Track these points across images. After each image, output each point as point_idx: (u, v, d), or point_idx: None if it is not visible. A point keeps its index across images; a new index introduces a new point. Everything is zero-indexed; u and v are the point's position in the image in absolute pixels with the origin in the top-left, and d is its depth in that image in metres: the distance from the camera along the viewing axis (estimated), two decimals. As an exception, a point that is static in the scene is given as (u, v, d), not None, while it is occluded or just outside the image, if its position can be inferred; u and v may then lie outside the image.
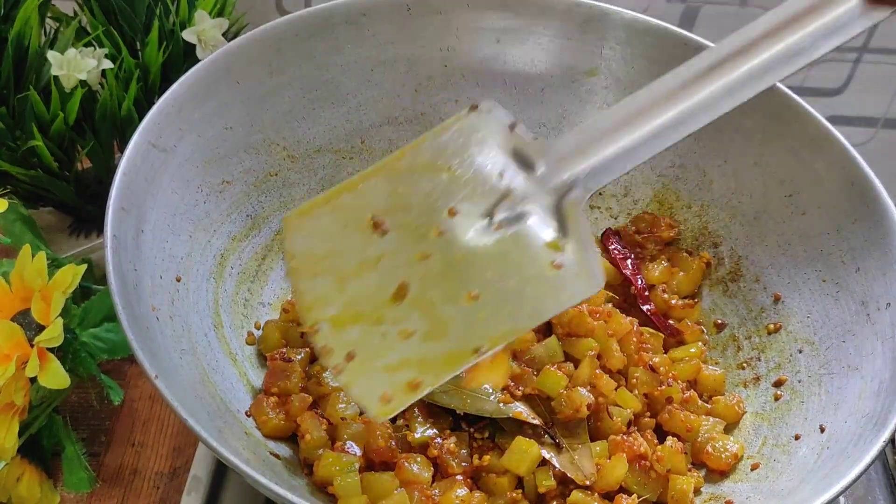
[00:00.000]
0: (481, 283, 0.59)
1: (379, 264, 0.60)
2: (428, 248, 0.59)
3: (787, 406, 0.70)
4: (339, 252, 0.60)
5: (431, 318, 0.58)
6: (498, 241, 0.60)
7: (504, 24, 0.87)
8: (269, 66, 0.80)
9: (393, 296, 0.59)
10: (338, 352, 0.58)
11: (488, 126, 0.62)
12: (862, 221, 0.71)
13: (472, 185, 0.60)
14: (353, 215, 0.61)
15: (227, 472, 0.75)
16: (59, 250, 0.87)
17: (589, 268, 0.59)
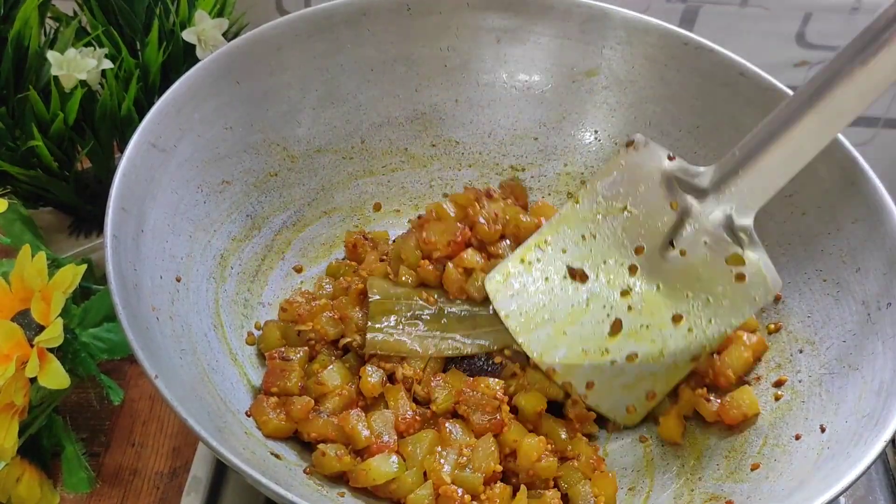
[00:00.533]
0: (681, 306, 0.68)
1: (589, 307, 0.70)
2: (627, 285, 0.69)
3: (787, 406, 0.70)
4: (549, 304, 0.70)
5: (648, 342, 0.69)
6: (686, 266, 0.68)
7: (504, 24, 0.87)
8: (269, 66, 0.80)
9: (611, 331, 0.70)
10: (577, 384, 0.70)
11: (649, 160, 0.69)
12: (862, 221, 0.71)
13: (649, 219, 0.68)
14: (550, 269, 0.70)
15: (227, 472, 0.75)
16: (59, 250, 0.87)
17: (767, 273, 0.68)
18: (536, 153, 0.89)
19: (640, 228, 0.68)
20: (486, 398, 0.68)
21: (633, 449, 0.73)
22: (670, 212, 0.68)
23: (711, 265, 0.68)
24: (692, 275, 0.68)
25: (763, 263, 0.68)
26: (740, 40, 0.86)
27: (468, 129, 0.89)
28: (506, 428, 0.67)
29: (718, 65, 0.81)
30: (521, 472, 0.67)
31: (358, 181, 0.86)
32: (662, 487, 0.69)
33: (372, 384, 0.68)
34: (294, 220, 0.82)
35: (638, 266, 0.68)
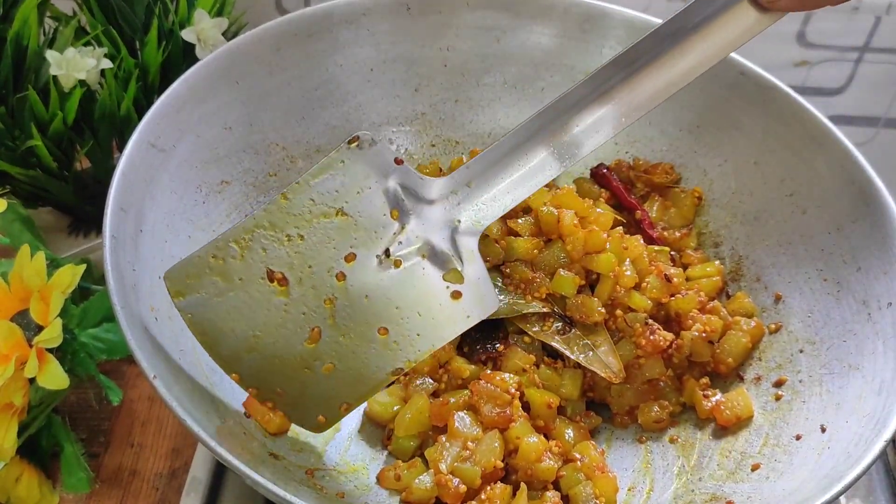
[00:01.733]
0: (389, 318, 0.64)
1: (287, 314, 0.64)
2: (333, 293, 0.64)
3: (788, 406, 0.70)
4: (242, 308, 0.63)
5: (349, 352, 0.64)
6: (399, 277, 0.64)
7: (504, 24, 0.87)
8: (268, 65, 0.80)
9: (309, 339, 0.64)
10: (265, 391, 0.65)
11: (373, 162, 0.64)
12: (862, 221, 0.71)
13: (365, 226, 0.64)
14: (247, 269, 0.63)
15: (226, 473, 0.75)
16: (58, 250, 0.87)
17: (484, 292, 0.65)
18: (536, 153, 0.89)
19: (354, 234, 0.64)
20: (500, 392, 0.68)
21: (633, 449, 0.73)
22: (390, 221, 0.64)
23: (427, 280, 0.64)
24: (405, 288, 0.64)
25: (482, 282, 0.65)
26: (740, 40, 0.86)
27: (468, 129, 0.89)
28: (513, 423, 0.67)
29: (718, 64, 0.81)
30: (519, 470, 0.67)
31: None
32: (662, 487, 0.69)
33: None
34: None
35: (346, 274, 0.64)
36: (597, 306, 0.72)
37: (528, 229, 0.74)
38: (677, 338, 0.73)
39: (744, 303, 0.77)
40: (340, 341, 0.64)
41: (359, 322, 0.64)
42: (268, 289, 0.64)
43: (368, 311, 0.64)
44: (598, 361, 0.71)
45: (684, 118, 0.83)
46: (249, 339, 0.64)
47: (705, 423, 0.72)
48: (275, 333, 0.64)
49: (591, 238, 0.73)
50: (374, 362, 0.64)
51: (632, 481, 0.70)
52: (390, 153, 0.65)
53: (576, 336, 0.72)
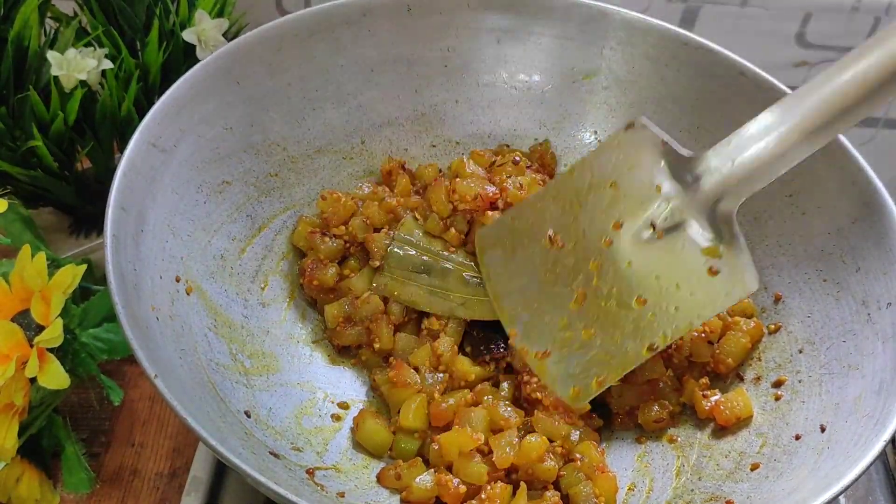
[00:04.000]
0: (648, 288, 0.67)
1: (559, 275, 0.71)
2: (600, 258, 0.69)
3: (787, 406, 0.70)
4: (524, 266, 0.72)
5: (608, 320, 0.68)
6: (660, 249, 0.67)
7: (504, 24, 0.87)
8: (269, 66, 0.80)
9: (575, 301, 0.70)
10: (532, 349, 0.71)
11: (644, 142, 0.69)
12: (862, 221, 0.71)
13: (634, 198, 0.68)
14: (533, 232, 0.72)
15: (227, 473, 0.75)
16: (59, 250, 0.87)
17: (743, 272, 0.65)
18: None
19: (623, 205, 0.69)
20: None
21: (633, 449, 0.73)
22: (654, 194, 0.68)
23: (686, 253, 0.67)
24: (665, 260, 0.67)
25: (742, 260, 0.65)
26: (740, 40, 0.86)
27: (468, 129, 0.89)
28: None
29: (718, 65, 0.81)
30: (520, 469, 0.67)
31: (358, 181, 0.85)
32: (662, 487, 0.69)
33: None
34: (294, 221, 0.82)
35: (613, 241, 0.68)
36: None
37: None
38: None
39: (743, 303, 0.77)
40: (602, 306, 0.69)
41: (620, 288, 0.68)
42: (547, 250, 0.71)
43: (630, 277, 0.68)
44: None
45: (684, 118, 0.83)
46: (527, 295, 0.72)
47: (705, 423, 0.72)
48: (548, 292, 0.71)
49: None
50: (631, 334, 0.67)
51: (631, 481, 0.70)
52: (661, 135, 0.68)
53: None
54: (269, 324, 0.76)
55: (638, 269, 0.68)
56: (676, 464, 0.70)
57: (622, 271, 0.68)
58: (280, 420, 0.69)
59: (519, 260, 0.72)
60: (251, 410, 0.68)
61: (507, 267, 0.73)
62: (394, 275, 0.76)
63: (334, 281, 0.78)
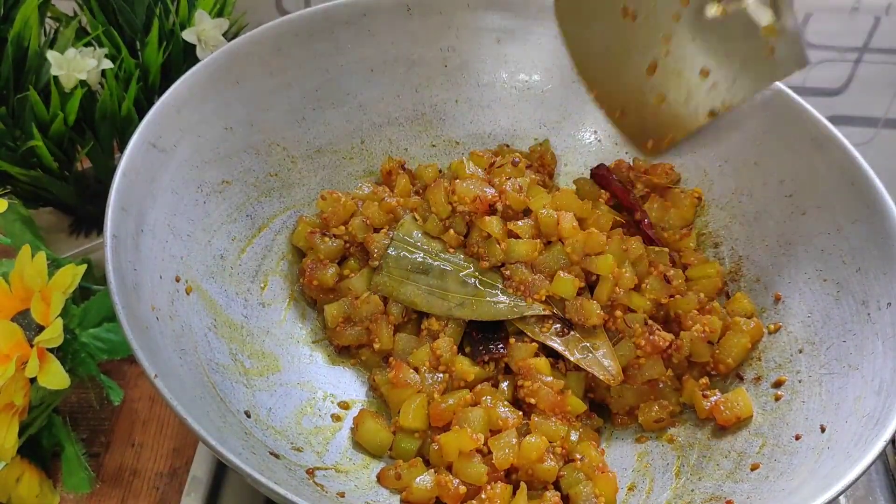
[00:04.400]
0: (711, 61, 0.74)
1: (634, 43, 0.77)
2: (669, 29, 0.75)
3: (787, 406, 0.70)
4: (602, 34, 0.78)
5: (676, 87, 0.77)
6: (723, 26, 0.72)
7: (504, 24, 0.87)
8: (269, 66, 0.80)
9: (647, 70, 0.78)
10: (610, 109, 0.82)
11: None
12: (862, 221, 0.71)
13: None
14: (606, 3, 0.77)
15: (226, 473, 0.75)
16: (59, 250, 0.87)
17: (796, 49, 0.71)
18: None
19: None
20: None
21: (633, 449, 0.73)
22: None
23: (747, 30, 0.71)
24: (727, 34, 0.72)
25: (797, 39, 0.70)
26: (740, 40, 0.86)
27: (468, 129, 0.89)
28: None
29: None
30: (520, 470, 0.67)
31: (358, 181, 0.85)
32: (662, 487, 0.69)
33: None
34: (294, 221, 0.82)
35: (681, 15, 0.73)
36: (595, 309, 0.72)
37: (528, 231, 0.74)
38: (677, 338, 0.73)
39: (743, 303, 0.77)
40: (670, 76, 0.77)
41: (687, 60, 0.76)
42: (621, 21, 0.76)
43: (695, 51, 0.74)
44: (597, 363, 0.72)
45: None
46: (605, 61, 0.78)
47: (705, 423, 0.72)
48: (625, 60, 0.78)
49: (590, 240, 0.73)
50: (696, 100, 0.77)
51: (631, 481, 0.70)
52: None
53: (574, 338, 0.73)
54: (269, 324, 0.76)
55: (703, 42, 0.73)
56: (676, 464, 0.70)
57: (689, 44, 0.73)
58: (280, 420, 0.69)
59: (595, 29, 0.77)
60: (251, 410, 0.68)
61: (584, 34, 0.78)
62: (392, 275, 0.76)
63: (334, 281, 0.78)
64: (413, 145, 0.88)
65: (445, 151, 0.89)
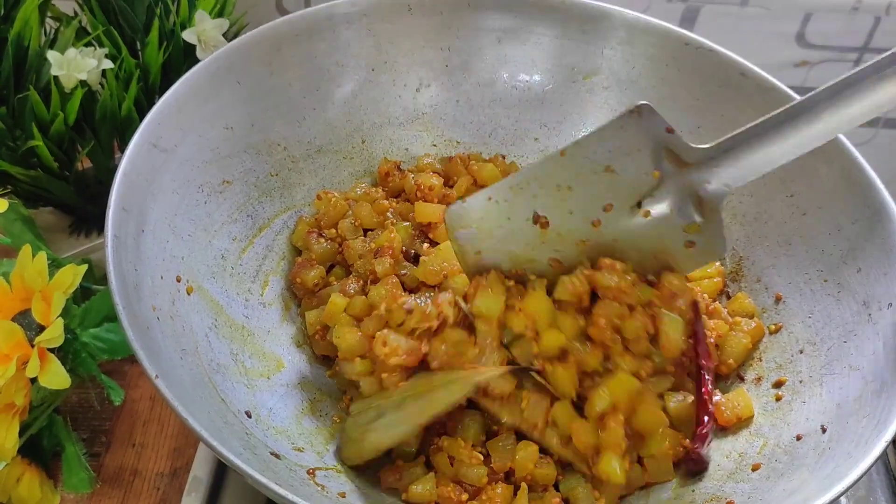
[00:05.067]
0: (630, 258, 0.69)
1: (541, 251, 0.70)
2: (587, 236, 0.69)
3: (788, 406, 0.70)
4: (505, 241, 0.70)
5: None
6: (645, 225, 0.68)
7: (504, 24, 0.87)
8: (269, 66, 0.80)
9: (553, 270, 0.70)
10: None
11: (648, 129, 0.68)
12: (862, 221, 0.71)
13: (628, 182, 0.68)
14: (516, 210, 0.70)
15: (227, 473, 0.75)
16: (59, 250, 0.87)
17: (716, 242, 0.68)
18: (537, 153, 0.89)
19: (617, 188, 0.68)
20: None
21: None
22: (651, 179, 0.68)
23: (670, 229, 0.68)
24: (649, 234, 0.69)
25: (717, 231, 0.68)
26: (740, 40, 0.86)
27: (468, 129, 0.89)
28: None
29: (719, 65, 0.81)
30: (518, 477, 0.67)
31: (359, 181, 0.85)
32: (662, 487, 0.69)
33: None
34: (295, 221, 0.82)
35: (601, 221, 0.69)
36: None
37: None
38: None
39: (744, 303, 0.77)
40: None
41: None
42: (530, 228, 0.69)
43: (613, 252, 0.69)
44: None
45: (684, 118, 0.83)
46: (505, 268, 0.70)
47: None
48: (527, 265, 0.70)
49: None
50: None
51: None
52: (663, 122, 0.67)
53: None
54: (269, 324, 0.76)
55: (622, 244, 0.69)
56: (677, 464, 0.70)
57: (607, 247, 0.69)
58: (281, 420, 0.69)
59: (498, 237, 0.70)
60: (252, 411, 0.68)
61: (483, 242, 0.70)
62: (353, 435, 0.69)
63: (313, 283, 0.77)
64: (413, 145, 0.88)
65: (446, 151, 0.89)
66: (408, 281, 0.74)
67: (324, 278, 0.78)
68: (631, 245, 0.69)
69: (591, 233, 0.69)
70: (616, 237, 0.69)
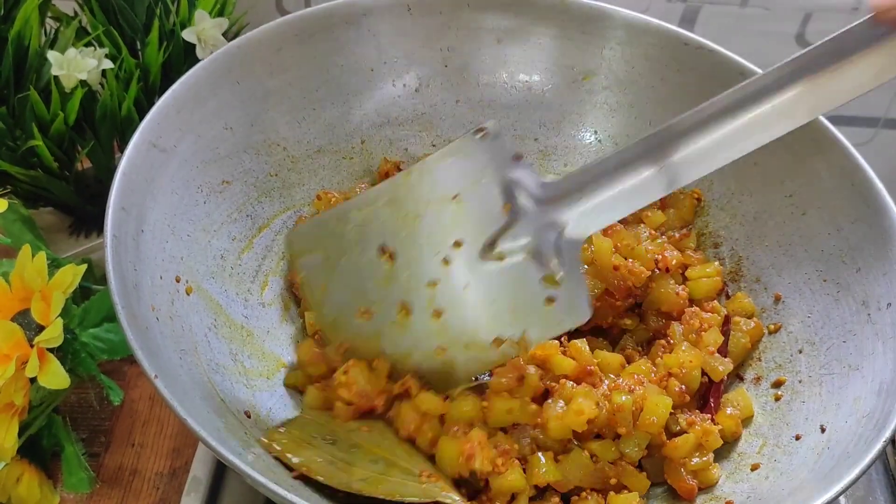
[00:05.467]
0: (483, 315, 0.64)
1: (389, 290, 0.65)
2: (437, 276, 0.64)
3: (787, 406, 0.70)
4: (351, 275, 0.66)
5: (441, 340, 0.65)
6: (499, 272, 0.64)
7: (504, 24, 0.87)
8: (269, 66, 0.80)
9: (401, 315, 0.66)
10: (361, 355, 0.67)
11: (495, 155, 0.64)
12: (862, 221, 0.71)
13: (477, 215, 0.64)
14: (362, 239, 0.65)
15: (226, 473, 0.75)
16: (59, 250, 0.87)
17: (578, 303, 0.64)
18: (536, 153, 0.89)
19: (466, 222, 0.64)
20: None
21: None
22: (501, 214, 0.64)
23: (526, 280, 0.64)
24: (503, 284, 0.64)
25: (579, 291, 0.64)
26: (740, 40, 0.86)
27: (468, 129, 0.89)
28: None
29: (718, 65, 0.81)
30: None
31: (358, 181, 0.85)
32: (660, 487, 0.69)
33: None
34: (294, 221, 0.82)
35: (451, 260, 0.64)
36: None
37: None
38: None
39: (743, 303, 0.77)
40: (433, 322, 0.65)
41: (454, 309, 0.65)
42: (378, 262, 0.65)
43: (466, 300, 0.64)
44: None
45: (684, 119, 0.83)
46: (351, 306, 0.66)
47: (705, 423, 0.72)
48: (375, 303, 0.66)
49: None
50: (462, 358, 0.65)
51: (632, 481, 0.70)
52: (511, 148, 0.65)
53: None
54: (269, 324, 0.76)
55: (475, 291, 0.64)
56: (676, 464, 0.70)
57: (458, 293, 0.64)
58: (280, 420, 0.69)
59: (344, 270, 0.66)
60: (251, 411, 0.68)
61: (328, 275, 0.66)
62: (291, 434, 0.66)
63: None
64: (413, 145, 0.88)
65: (445, 151, 0.89)
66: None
67: None
68: (484, 295, 0.64)
69: (441, 272, 0.64)
70: (468, 283, 0.64)
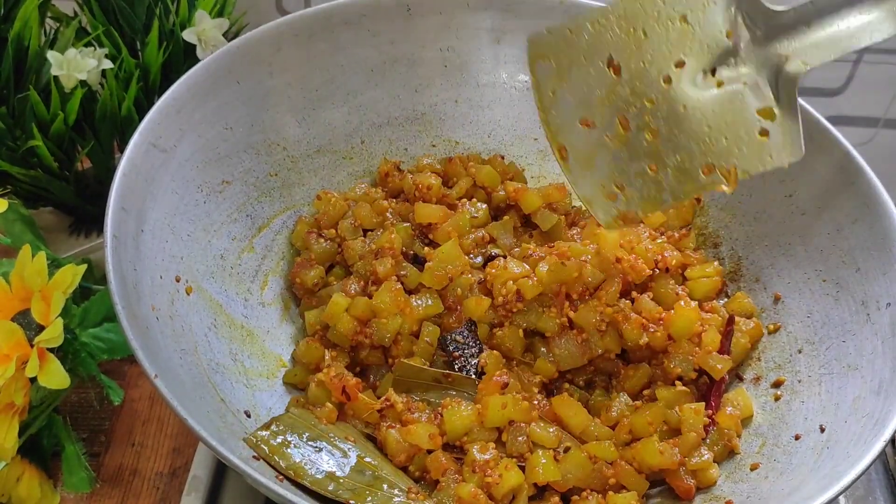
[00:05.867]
0: (696, 137, 0.66)
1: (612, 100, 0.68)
2: (657, 93, 0.66)
3: (787, 406, 0.70)
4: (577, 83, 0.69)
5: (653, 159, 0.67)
6: (716, 99, 0.65)
7: (504, 25, 0.87)
8: (269, 66, 0.80)
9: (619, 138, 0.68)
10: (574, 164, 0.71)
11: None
12: (862, 221, 0.71)
13: (701, 38, 0.65)
14: (592, 50, 0.68)
15: (226, 472, 0.75)
16: (59, 250, 0.87)
17: (792, 139, 0.63)
18: (536, 153, 0.89)
19: (690, 43, 0.65)
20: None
21: (633, 449, 0.73)
22: (724, 39, 0.65)
23: (742, 109, 0.65)
24: (719, 110, 0.65)
25: (794, 127, 0.63)
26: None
27: (468, 129, 0.89)
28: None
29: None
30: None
31: (358, 181, 0.85)
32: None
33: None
34: (295, 221, 0.82)
35: (672, 79, 0.66)
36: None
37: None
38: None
39: (743, 303, 0.77)
40: (649, 144, 0.67)
41: (671, 130, 0.66)
42: (603, 74, 0.67)
43: (681, 122, 0.66)
44: None
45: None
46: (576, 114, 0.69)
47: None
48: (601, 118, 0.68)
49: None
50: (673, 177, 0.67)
51: (631, 481, 0.70)
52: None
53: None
54: (269, 323, 0.76)
55: (691, 113, 0.66)
56: (676, 464, 0.70)
57: (675, 114, 0.66)
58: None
59: (573, 78, 0.69)
60: (251, 410, 0.68)
61: (559, 82, 0.70)
62: (275, 437, 0.66)
63: (313, 283, 0.77)
64: (413, 145, 0.88)
65: (446, 151, 0.89)
66: (408, 282, 0.74)
67: (323, 278, 0.78)
68: (700, 118, 0.65)
69: (662, 91, 0.66)
70: (686, 104, 0.65)
